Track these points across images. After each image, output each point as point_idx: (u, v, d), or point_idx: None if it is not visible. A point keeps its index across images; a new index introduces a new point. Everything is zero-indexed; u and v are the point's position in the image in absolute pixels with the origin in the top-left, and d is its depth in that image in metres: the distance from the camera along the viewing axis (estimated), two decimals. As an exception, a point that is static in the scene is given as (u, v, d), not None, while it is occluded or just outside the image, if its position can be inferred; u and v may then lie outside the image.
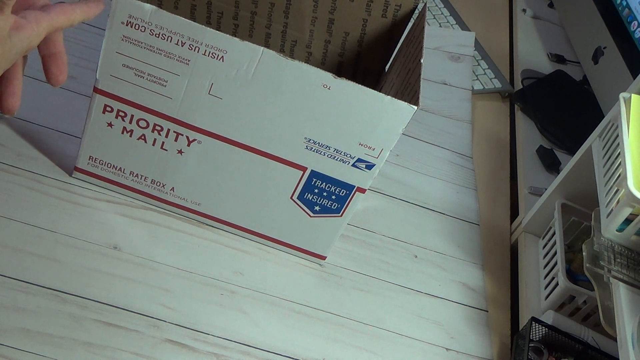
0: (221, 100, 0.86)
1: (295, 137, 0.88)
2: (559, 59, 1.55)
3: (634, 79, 1.02)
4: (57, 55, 0.62)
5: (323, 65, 1.13)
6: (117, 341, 0.85)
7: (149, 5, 0.80)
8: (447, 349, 1.00)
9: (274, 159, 0.91)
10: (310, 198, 0.94)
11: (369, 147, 0.88)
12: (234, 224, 0.99)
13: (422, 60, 0.89)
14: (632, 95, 0.97)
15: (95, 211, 0.96)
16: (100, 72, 0.86)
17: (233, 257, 0.98)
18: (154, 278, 0.92)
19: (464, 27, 1.54)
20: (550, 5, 1.69)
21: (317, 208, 0.96)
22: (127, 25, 0.82)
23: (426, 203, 1.19)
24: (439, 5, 1.56)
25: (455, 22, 1.54)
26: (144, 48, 0.83)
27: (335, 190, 0.93)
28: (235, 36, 0.81)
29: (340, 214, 0.96)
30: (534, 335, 0.99)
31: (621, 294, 0.87)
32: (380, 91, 0.83)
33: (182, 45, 0.82)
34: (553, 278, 1.05)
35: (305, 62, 0.82)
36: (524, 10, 1.65)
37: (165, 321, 0.89)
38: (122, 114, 0.90)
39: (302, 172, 0.92)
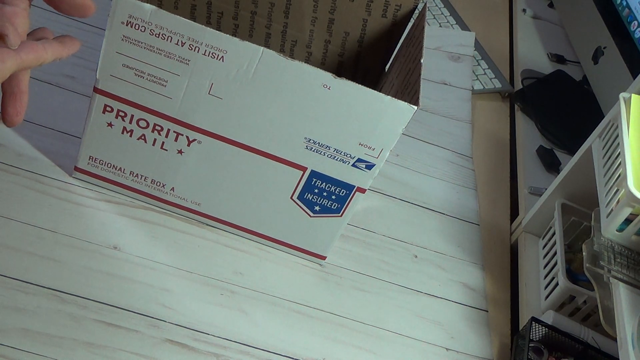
0: (221, 100, 0.86)
1: (295, 137, 0.88)
2: (559, 59, 1.55)
3: (634, 79, 1.02)
4: (18, 95, 0.57)
5: (323, 65, 1.13)
6: (117, 341, 0.85)
7: (149, 5, 0.80)
8: (447, 349, 1.00)
9: (274, 159, 0.91)
10: (310, 198, 0.94)
11: (369, 147, 0.88)
12: (234, 224, 0.99)
13: (422, 60, 0.89)
14: (632, 95, 0.97)
15: (95, 211, 0.96)
16: (100, 72, 0.86)
17: (233, 257, 0.98)
18: (154, 278, 0.92)
19: (464, 27, 1.54)
20: (550, 5, 1.69)
21: (317, 208, 0.96)
22: (127, 25, 0.81)
23: (426, 203, 1.19)
24: (439, 5, 1.56)
25: (455, 22, 1.54)
26: (144, 48, 0.83)
27: (335, 190, 0.93)
28: (235, 36, 0.81)
29: (340, 214, 0.96)
30: (534, 335, 0.99)
31: (621, 294, 0.87)
32: (380, 91, 0.83)
33: (182, 45, 0.82)
34: (553, 278, 1.05)
35: (305, 62, 0.82)
36: (524, 10, 1.65)
37: (165, 321, 0.89)
38: (122, 114, 0.89)
39: (302, 172, 0.92)
